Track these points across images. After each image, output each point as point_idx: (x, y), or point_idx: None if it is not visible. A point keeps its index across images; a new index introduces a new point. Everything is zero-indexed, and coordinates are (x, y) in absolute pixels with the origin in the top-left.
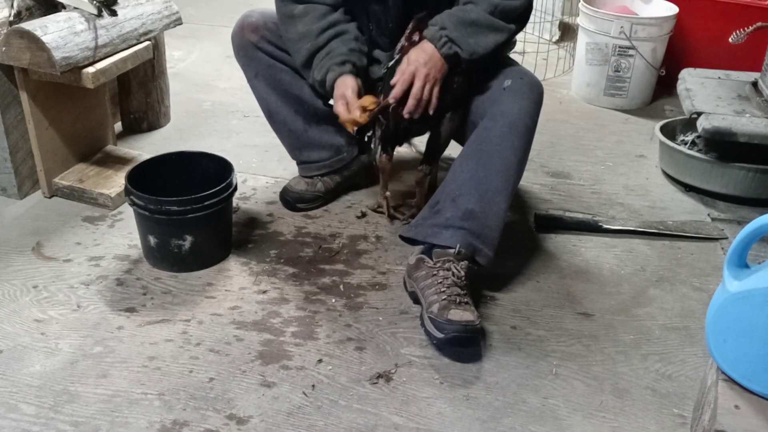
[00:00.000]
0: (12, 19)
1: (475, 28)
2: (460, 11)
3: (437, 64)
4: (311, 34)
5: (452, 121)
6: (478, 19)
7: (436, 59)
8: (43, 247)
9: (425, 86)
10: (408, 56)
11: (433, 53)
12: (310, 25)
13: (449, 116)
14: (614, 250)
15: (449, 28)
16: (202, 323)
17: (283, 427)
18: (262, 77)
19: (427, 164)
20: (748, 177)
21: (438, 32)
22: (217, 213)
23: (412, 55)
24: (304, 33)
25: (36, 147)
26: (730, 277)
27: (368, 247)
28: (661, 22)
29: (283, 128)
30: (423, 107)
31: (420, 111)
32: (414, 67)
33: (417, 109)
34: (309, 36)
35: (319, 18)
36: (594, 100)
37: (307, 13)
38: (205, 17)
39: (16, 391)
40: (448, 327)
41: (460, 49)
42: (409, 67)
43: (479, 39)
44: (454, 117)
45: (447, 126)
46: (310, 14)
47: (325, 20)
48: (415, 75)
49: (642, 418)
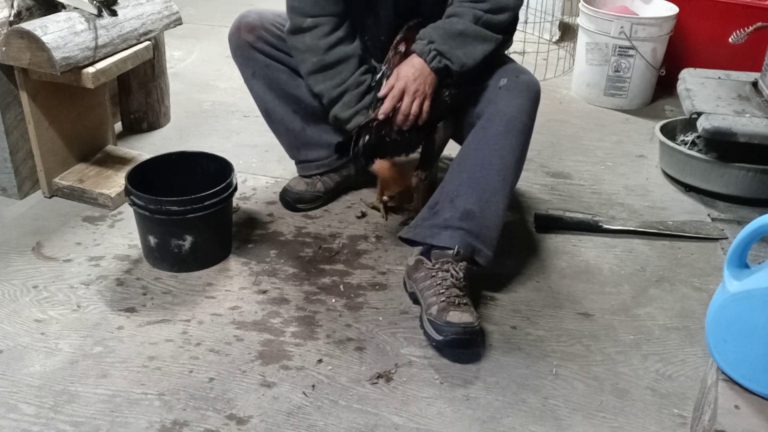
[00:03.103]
0: (12, 19)
1: (462, 39)
2: (446, 24)
3: (427, 78)
4: (318, 49)
5: (446, 129)
6: (465, 30)
7: (426, 73)
8: (43, 247)
9: (414, 102)
10: (398, 71)
11: (423, 67)
12: (317, 40)
13: (442, 125)
14: (614, 250)
15: (437, 41)
16: (202, 323)
17: (283, 427)
18: (259, 77)
19: (422, 170)
20: (748, 177)
21: (426, 46)
22: (217, 213)
23: (402, 70)
24: (311, 46)
25: (36, 147)
26: (730, 277)
27: (368, 247)
28: (661, 22)
29: (281, 128)
30: (412, 122)
31: (409, 125)
32: (403, 82)
33: (405, 124)
34: (316, 50)
35: (327, 33)
36: (594, 100)
37: (316, 26)
38: (205, 17)
39: (16, 391)
40: (446, 329)
41: (450, 62)
42: (398, 82)
43: (468, 50)
44: (447, 125)
45: (441, 134)
46: (318, 28)
47: (333, 36)
48: (405, 91)
49: (642, 418)
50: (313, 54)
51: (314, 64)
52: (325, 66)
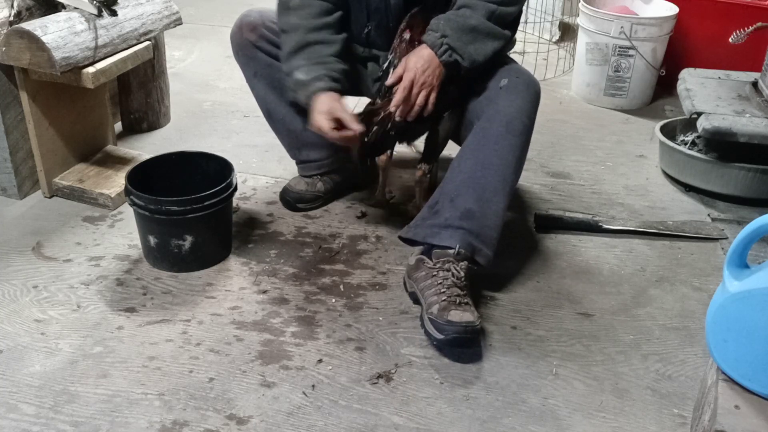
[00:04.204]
0: (12, 19)
1: (474, 35)
2: (459, 17)
3: (435, 71)
4: (301, 29)
5: (451, 120)
6: (478, 26)
7: (435, 66)
8: (43, 247)
9: (421, 93)
10: (406, 61)
11: (432, 60)
12: (302, 20)
13: (447, 115)
14: (614, 250)
15: (450, 36)
16: (202, 323)
17: (283, 427)
18: (261, 76)
19: (426, 163)
20: (748, 177)
21: (439, 39)
22: (217, 213)
23: (411, 61)
24: (295, 25)
25: (36, 147)
26: (730, 277)
27: (368, 247)
28: (661, 22)
29: (282, 128)
30: (417, 113)
31: (414, 115)
32: (413, 73)
33: (410, 115)
34: (298, 29)
35: (313, 16)
36: (594, 100)
37: (303, 7)
38: (205, 17)
39: (16, 391)
40: (447, 328)
41: (460, 57)
42: (407, 73)
43: (478, 46)
44: (452, 116)
45: (445, 125)
46: (305, 9)
47: (319, 20)
48: (414, 82)
49: (642, 418)
50: (296, 33)
51: (297, 43)
52: (304, 45)
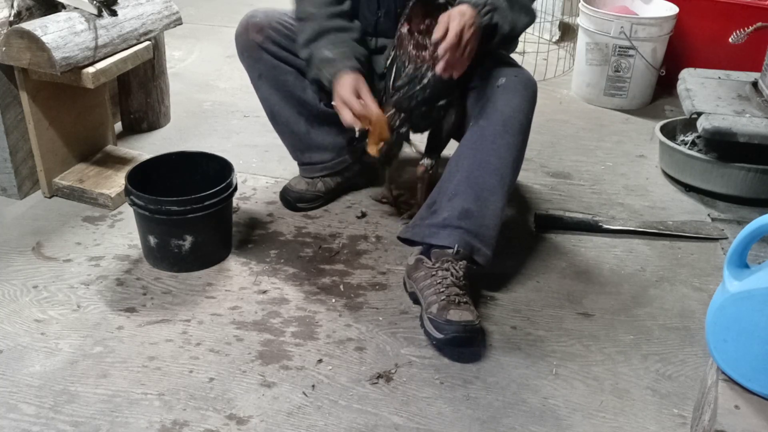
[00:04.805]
0: (12, 19)
1: (512, 4)
2: None
3: (475, 31)
4: (318, 17)
5: (456, 114)
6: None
7: (476, 26)
8: (43, 247)
9: (468, 46)
10: (448, 15)
11: (475, 18)
12: (317, 9)
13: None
14: (614, 250)
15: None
16: (202, 323)
17: (283, 427)
18: (266, 78)
19: (428, 157)
20: (748, 177)
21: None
22: (217, 213)
23: (455, 13)
24: (310, 14)
25: (36, 147)
26: (730, 277)
27: (368, 247)
28: (661, 22)
29: (285, 130)
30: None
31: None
32: (460, 22)
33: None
34: (316, 18)
35: (326, 4)
36: (594, 100)
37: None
38: (205, 17)
39: (16, 391)
40: (447, 327)
41: (503, 21)
42: (453, 22)
43: (515, 17)
44: (457, 111)
45: (449, 119)
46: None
47: (333, 8)
48: (464, 28)
49: (642, 418)
50: (314, 21)
51: (314, 31)
52: (324, 31)
